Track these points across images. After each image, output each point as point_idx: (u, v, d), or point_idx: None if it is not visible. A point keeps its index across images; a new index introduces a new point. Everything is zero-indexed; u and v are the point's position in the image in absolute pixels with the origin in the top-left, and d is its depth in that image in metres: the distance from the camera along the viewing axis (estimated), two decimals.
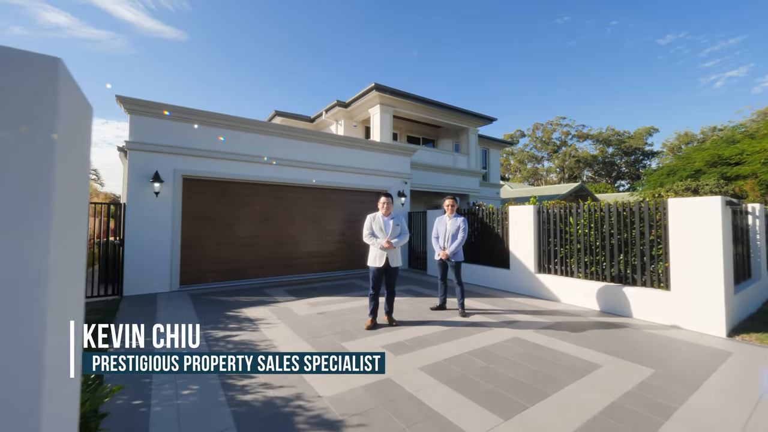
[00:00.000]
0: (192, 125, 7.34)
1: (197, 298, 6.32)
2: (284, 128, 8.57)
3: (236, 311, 5.42)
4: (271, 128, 8.36)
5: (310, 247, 9.01)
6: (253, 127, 8.09)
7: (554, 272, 6.43)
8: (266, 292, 6.85)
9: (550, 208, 6.51)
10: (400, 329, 4.55)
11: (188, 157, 7.31)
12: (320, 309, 5.57)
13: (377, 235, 4.65)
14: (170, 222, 7.03)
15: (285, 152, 8.56)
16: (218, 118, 7.62)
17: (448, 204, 5.41)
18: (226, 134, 7.78)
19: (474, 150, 15.19)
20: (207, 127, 7.55)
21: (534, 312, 5.46)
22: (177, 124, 7.18)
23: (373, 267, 4.63)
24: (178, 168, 7.16)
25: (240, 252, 8.00)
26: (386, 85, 11.72)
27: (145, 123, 6.84)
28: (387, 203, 4.71)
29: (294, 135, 8.74)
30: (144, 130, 6.82)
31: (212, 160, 7.60)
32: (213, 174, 7.61)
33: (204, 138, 7.50)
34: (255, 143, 8.15)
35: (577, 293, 5.95)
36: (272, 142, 8.40)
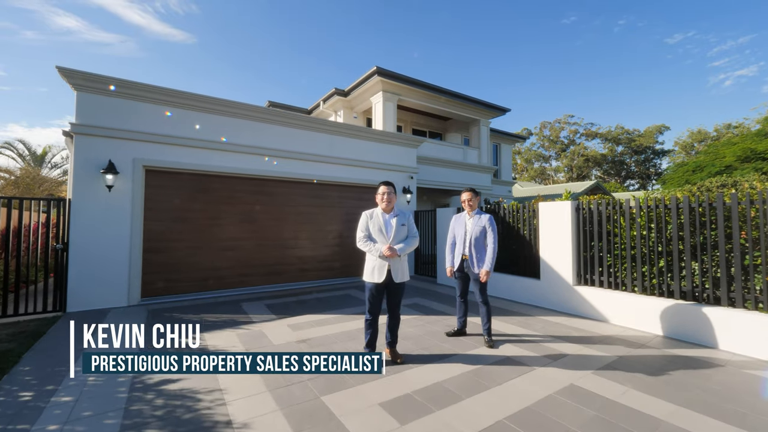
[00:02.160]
0: (158, 107, 6.15)
1: (155, 317, 5.11)
2: (272, 113, 7.36)
3: (200, 337, 4.19)
4: (256, 113, 7.15)
5: (302, 251, 7.78)
6: (235, 111, 6.89)
7: (599, 284, 5.15)
8: (243, 308, 5.63)
9: (593, 204, 5.23)
10: (408, 369, 3.30)
11: (153, 145, 6.11)
12: (303, 334, 4.33)
13: (375, 239, 3.41)
14: (128, 222, 5.83)
15: (274, 141, 7.35)
16: (192, 99, 6.42)
17: (467, 198, 4.14)
18: (203, 119, 6.58)
19: (486, 144, 13.91)
20: (178, 110, 6.36)
21: (582, 339, 4.18)
22: (139, 104, 5.99)
23: (371, 282, 3.39)
24: (139, 157, 5.97)
25: (218, 258, 6.79)
26: (390, 70, 10.49)
27: (97, 102, 5.65)
28: (388, 194, 3.46)
29: (284, 121, 7.52)
30: (95, 110, 5.63)
31: (184, 148, 6.40)
32: (185, 165, 6.41)
33: (174, 123, 6.31)
34: (238, 130, 6.95)
35: (630, 312, 4.67)
36: (258, 129, 7.20)
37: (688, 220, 4.22)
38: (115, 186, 5.69)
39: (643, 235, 4.69)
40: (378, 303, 3.40)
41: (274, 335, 4.27)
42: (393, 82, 10.78)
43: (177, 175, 6.49)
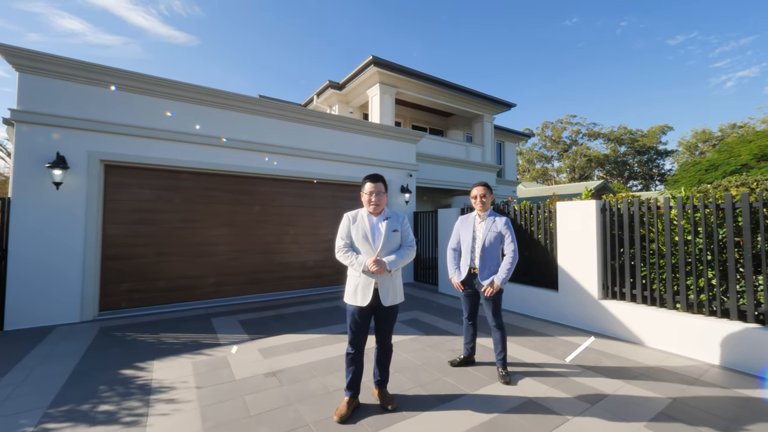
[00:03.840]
0: (121, 93, 5.37)
1: (106, 336, 4.32)
2: (254, 102, 6.57)
3: (142, 366, 3.41)
4: (236, 101, 6.36)
5: (287, 256, 6.99)
6: (211, 99, 6.11)
7: (630, 299, 4.35)
8: (212, 325, 4.83)
9: (623, 204, 4.44)
10: (401, 421, 2.50)
11: (114, 136, 5.33)
12: (275, 363, 3.53)
13: (359, 249, 2.62)
14: (82, 225, 5.05)
15: (257, 134, 6.57)
16: (161, 84, 5.63)
17: (479, 194, 3.31)
18: (174, 107, 5.80)
19: (489, 141, 13.11)
20: (145, 97, 5.58)
21: (620, 371, 3.38)
22: (97, 89, 5.22)
23: (353, 306, 2.59)
24: (96, 150, 5.19)
25: (189, 265, 5.99)
26: (386, 59, 9.71)
27: (44, 85, 4.87)
28: (376, 195, 2.64)
29: (269, 112, 6.73)
30: (41, 94, 4.85)
31: (152, 141, 5.62)
32: (153, 160, 5.63)
33: (140, 111, 5.53)
34: (215, 121, 6.16)
35: (672, 333, 3.87)
36: (239, 120, 6.41)
37: (749, 223, 3.42)
38: (65, 183, 4.90)
39: (687, 241, 3.89)
40: (362, 332, 2.60)
41: (239, 365, 3.47)
42: (390, 73, 10.00)
43: (143, 171, 5.71)
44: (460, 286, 3.35)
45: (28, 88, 4.77)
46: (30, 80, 4.78)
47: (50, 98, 4.90)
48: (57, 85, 4.94)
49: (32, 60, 4.75)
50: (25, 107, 4.73)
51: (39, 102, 4.82)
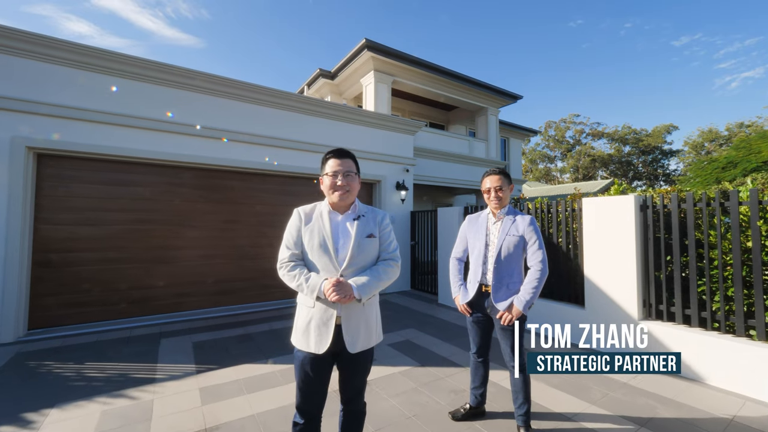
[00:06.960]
0: (55, 67, 4.47)
1: (15, 366, 3.40)
2: (226, 83, 5.63)
3: (31, 419, 2.48)
4: (205, 82, 5.43)
5: (264, 262, 6.05)
6: (173, 80, 5.19)
7: (682, 320, 3.41)
8: (157, 349, 3.90)
9: (672, 200, 3.50)
10: None
11: (48, 119, 4.42)
12: (214, 413, 2.60)
13: (313, 262, 1.69)
14: (3, 225, 4.14)
15: (228, 121, 5.65)
16: (106, 58, 4.72)
17: (494, 186, 2.37)
18: (126, 87, 4.89)
19: (494, 135, 12.17)
20: (89, 74, 4.67)
21: (684, 426, 2.44)
22: (24, 62, 4.31)
23: (303, 353, 1.66)
24: (23, 136, 4.27)
25: (145, 273, 5.08)
26: (382, 43, 8.78)
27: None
28: (343, 174, 1.77)
29: (244, 96, 5.80)
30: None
31: (98, 125, 4.71)
32: (99, 149, 4.72)
33: (81, 91, 4.62)
34: (179, 104, 5.25)
35: (746, 369, 2.93)
36: (209, 104, 5.50)
37: None
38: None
39: (766, 247, 2.96)
40: (318, 393, 1.67)
41: (164, 417, 2.54)
42: (386, 59, 9.07)
43: (87, 161, 4.80)
44: (466, 309, 2.42)
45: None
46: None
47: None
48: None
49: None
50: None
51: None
